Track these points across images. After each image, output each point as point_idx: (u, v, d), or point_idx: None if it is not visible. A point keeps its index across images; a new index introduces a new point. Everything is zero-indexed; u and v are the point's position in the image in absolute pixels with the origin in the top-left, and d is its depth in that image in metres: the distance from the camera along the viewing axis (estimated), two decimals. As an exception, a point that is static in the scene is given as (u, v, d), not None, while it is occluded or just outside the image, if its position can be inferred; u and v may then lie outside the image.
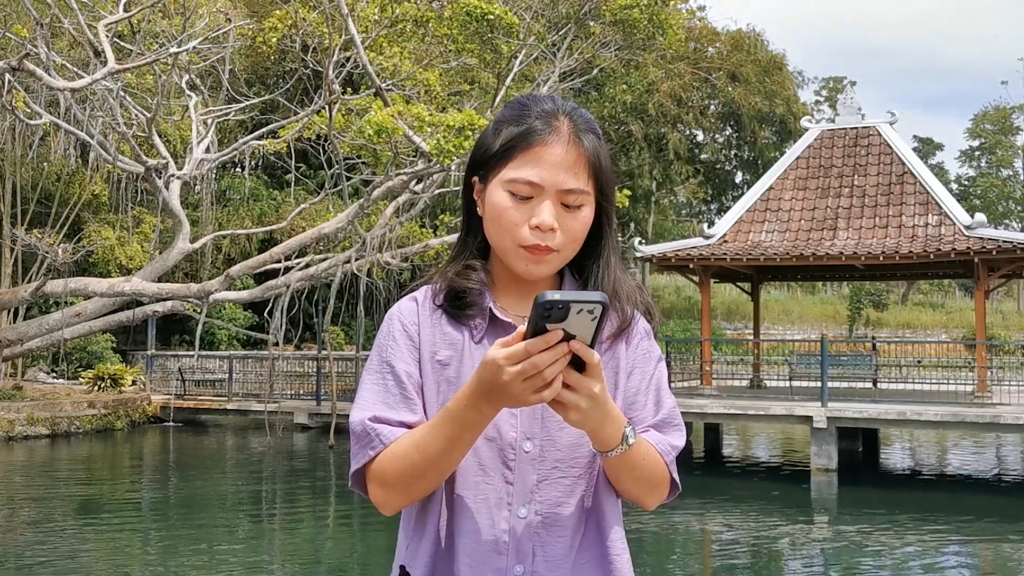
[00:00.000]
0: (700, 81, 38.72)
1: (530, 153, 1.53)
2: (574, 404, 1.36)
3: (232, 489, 15.36)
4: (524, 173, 1.52)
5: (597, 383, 1.36)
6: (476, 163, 1.61)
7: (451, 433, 1.43)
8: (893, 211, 19.09)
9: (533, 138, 1.54)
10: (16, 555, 10.19)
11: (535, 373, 1.32)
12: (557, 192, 1.52)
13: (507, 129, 1.57)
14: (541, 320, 1.29)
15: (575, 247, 1.57)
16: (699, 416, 17.50)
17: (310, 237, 18.49)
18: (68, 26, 16.92)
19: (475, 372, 1.38)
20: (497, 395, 1.36)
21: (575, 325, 1.30)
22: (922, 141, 63.69)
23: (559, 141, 1.54)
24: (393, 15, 17.16)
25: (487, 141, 1.59)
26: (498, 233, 1.55)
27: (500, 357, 1.33)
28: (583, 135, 1.56)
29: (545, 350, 1.31)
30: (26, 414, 19.67)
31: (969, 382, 18.72)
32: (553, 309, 1.28)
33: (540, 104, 1.58)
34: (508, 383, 1.33)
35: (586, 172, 1.55)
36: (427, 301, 1.61)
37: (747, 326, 37.55)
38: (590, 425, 1.42)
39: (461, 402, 1.41)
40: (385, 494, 1.51)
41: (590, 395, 1.36)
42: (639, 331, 1.65)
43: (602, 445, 1.47)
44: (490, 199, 1.56)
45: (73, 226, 25.96)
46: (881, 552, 11.09)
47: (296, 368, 24.52)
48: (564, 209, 1.53)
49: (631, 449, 1.48)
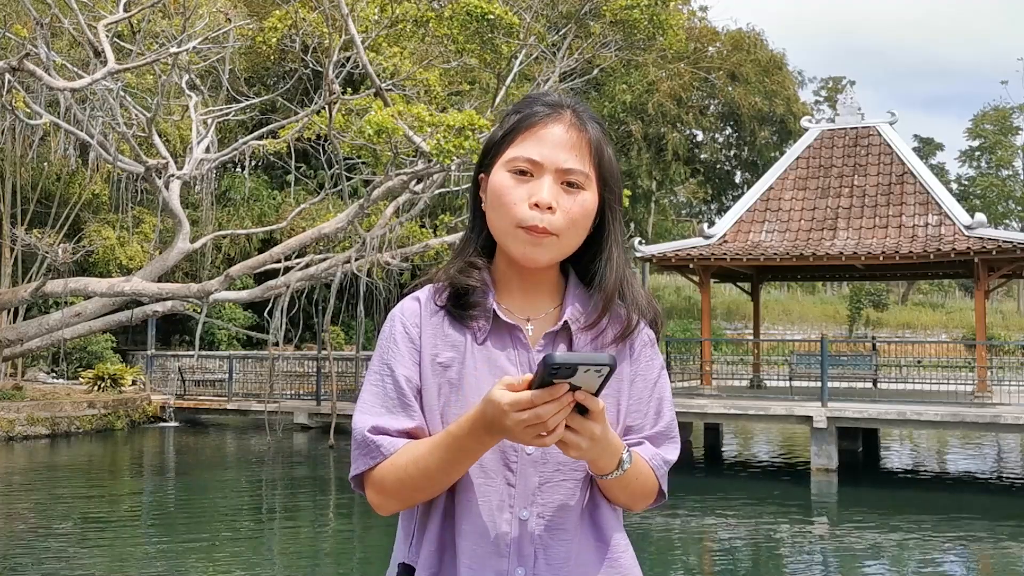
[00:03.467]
0: (700, 81, 38.72)
1: (531, 133, 1.54)
2: (575, 444, 1.39)
3: (232, 489, 15.35)
4: (524, 151, 1.53)
5: (599, 426, 1.39)
6: (482, 157, 1.62)
7: (451, 456, 1.45)
8: (893, 211, 19.09)
9: (535, 119, 1.55)
10: (15, 555, 10.18)
11: (539, 422, 1.34)
12: (557, 171, 1.52)
13: (510, 118, 1.59)
14: (548, 377, 1.31)
15: (575, 234, 1.55)
16: (699, 416, 17.50)
17: (310, 237, 18.48)
18: (68, 26, 16.91)
19: (479, 404, 1.40)
20: (499, 433, 1.39)
21: (581, 380, 1.32)
22: (923, 141, 63.67)
23: (561, 123, 1.55)
24: (393, 15, 17.15)
25: (492, 134, 1.61)
26: (498, 215, 1.55)
27: (505, 402, 1.34)
28: (587, 122, 1.58)
29: (550, 401, 1.32)
30: (26, 414, 19.67)
31: (969, 382, 18.71)
32: (561, 369, 1.29)
33: (546, 96, 1.61)
34: (511, 427, 1.35)
35: (587, 155, 1.55)
36: (429, 301, 1.61)
37: (747, 326, 37.55)
38: (588, 458, 1.46)
39: (464, 428, 1.43)
40: (382, 500, 1.53)
41: (592, 437, 1.39)
42: (642, 339, 1.64)
43: (598, 471, 1.50)
44: (492, 183, 1.56)
45: (73, 226, 25.96)
46: (881, 552, 11.09)
47: (296, 368, 24.52)
48: (564, 189, 1.53)
49: (626, 472, 1.51)
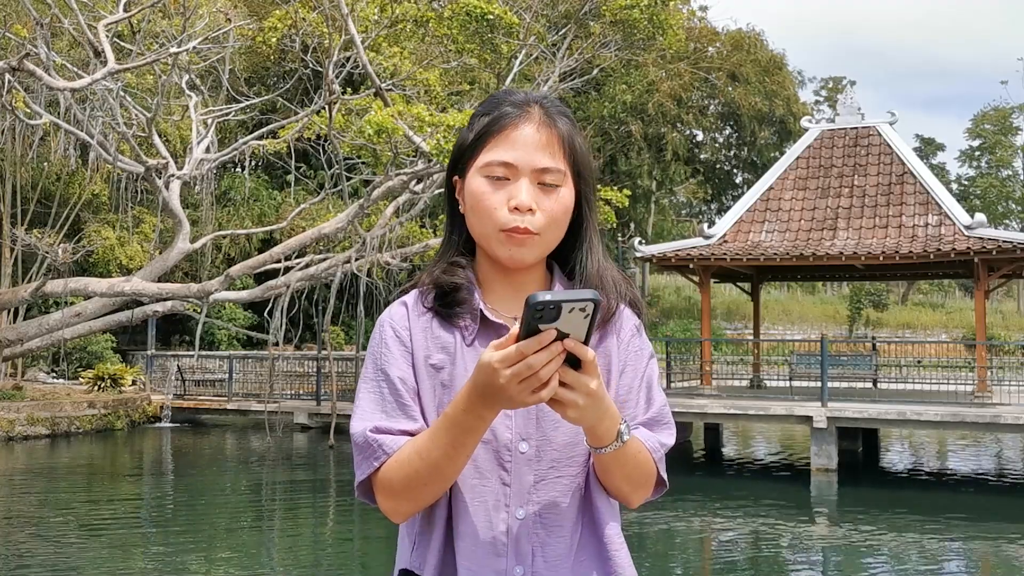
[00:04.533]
0: (700, 81, 38.73)
1: (502, 136, 1.54)
2: (572, 402, 1.36)
3: (232, 489, 15.36)
4: (498, 155, 1.53)
5: (594, 379, 1.36)
6: (454, 161, 1.61)
7: (452, 438, 1.43)
8: (893, 211, 19.08)
9: (505, 121, 1.55)
10: (15, 556, 10.18)
11: (531, 374, 1.31)
12: (533, 171, 1.52)
13: (479, 120, 1.58)
14: (533, 321, 1.29)
15: (557, 231, 1.56)
16: (699, 416, 17.48)
17: (310, 237, 18.49)
18: (68, 26, 16.92)
19: (471, 376, 1.38)
20: (494, 398, 1.36)
21: (568, 324, 1.30)
22: (924, 141, 63.68)
23: (531, 122, 1.55)
24: (393, 15, 17.15)
25: (463, 137, 1.60)
26: (479, 220, 1.54)
27: (495, 360, 1.32)
28: (556, 117, 1.57)
29: (539, 350, 1.30)
30: (26, 414, 19.66)
31: (969, 382, 18.70)
32: (545, 310, 1.28)
33: (512, 95, 1.59)
34: (504, 385, 1.32)
35: (561, 151, 1.55)
36: (417, 305, 1.60)
37: (747, 326, 37.55)
38: (588, 421, 1.41)
39: (459, 406, 1.41)
40: (393, 503, 1.51)
41: (587, 392, 1.36)
42: (629, 327, 1.63)
43: (597, 441, 1.47)
44: (468, 188, 1.56)
45: (73, 226, 25.96)
46: (881, 552, 11.09)
47: (296, 368, 24.51)
48: (541, 189, 1.53)
49: (625, 446, 1.48)
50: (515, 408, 1.41)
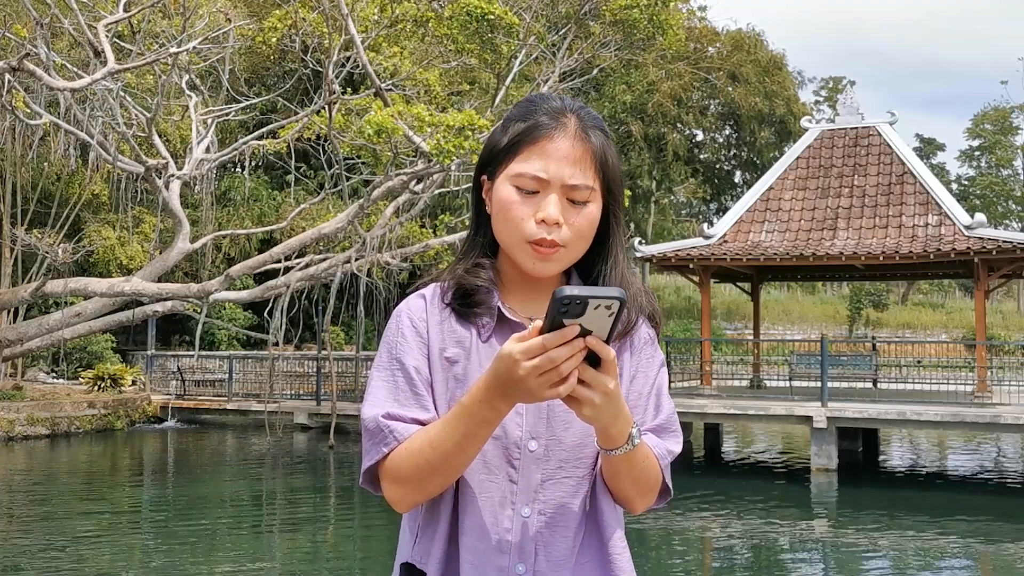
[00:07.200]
0: (700, 81, 38.73)
1: (536, 147, 1.53)
2: (588, 400, 1.36)
3: (232, 489, 15.35)
4: (530, 167, 1.52)
5: (612, 379, 1.36)
6: (484, 161, 1.61)
7: (464, 429, 1.43)
8: (893, 211, 19.09)
9: (539, 132, 1.54)
10: (15, 555, 10.18)
11: (551, 368, 1.32)
12: (563, 187, 1.52)
13: (514, 125, 1.57)
14: (558, 315, 1.29)
15: (582, 244, 1.56)
16: (699, 416, 17.49)
17: (310, 237, 18.48)
18: (68, 26, 16.91)
19: (490, 366, 1.38)
20: (512, 390, 1.36)
21: (592, 321, 1.30)
22: (924, 141, 63.71)
23: (565, 136, 1.54)
24: (393, 15, 17.15)
25: (495, 138, 1.60)
26: (505, 229, 1.55)
27: (516, 351, 1.32)
28: (590, 131, 1.56)
29: (562, 345, 1.31)
30: (26, 414, 19.67)
31: (969, 382, 18.71)
32: (571, 304, 1.29)
33: (548, 102, 1.58)
34: (524, 377, 1.32)
35: (592, 168, 1.55)
36: (435, 299, 1.61)
37: (747, 326, 37.55)
38: (602, 421, 1.41)
39: (475, 397, 1.41)
40: (399, 491, 1.51)
41: (604, 391, 1.36)
42: (643, 337, 1.64)
43: (609, 442, 1.47)
44: (497, 194, 1.56)
45: (73, 226, 25.96)
46: (881, 552, 11.09)
47: (296, 368, 24.52)
48: (570, 204, 1.53)
49: (635, 450, 1.48)
50: (532, 402, 1.41)
